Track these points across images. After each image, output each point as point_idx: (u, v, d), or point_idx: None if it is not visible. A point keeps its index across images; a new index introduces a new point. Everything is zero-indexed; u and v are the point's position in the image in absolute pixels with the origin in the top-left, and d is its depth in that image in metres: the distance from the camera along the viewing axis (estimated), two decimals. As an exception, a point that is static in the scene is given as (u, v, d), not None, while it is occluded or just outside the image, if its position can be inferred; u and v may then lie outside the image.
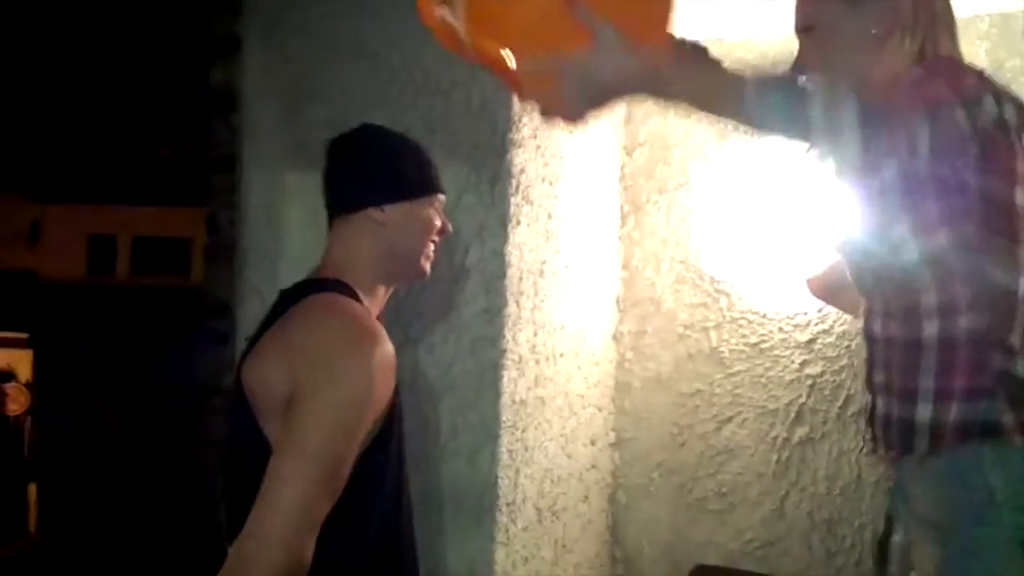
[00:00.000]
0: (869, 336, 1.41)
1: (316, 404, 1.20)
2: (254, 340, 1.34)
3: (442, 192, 1.48)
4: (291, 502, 1.15)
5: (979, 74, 1.33)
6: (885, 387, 1.36)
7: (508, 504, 2.07)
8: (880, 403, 1.38)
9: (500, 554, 2.05)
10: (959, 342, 1.28)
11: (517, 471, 2.10)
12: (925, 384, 1.30)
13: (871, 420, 1.41)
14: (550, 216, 2.21)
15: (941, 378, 1.29)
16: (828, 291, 1.80)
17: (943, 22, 1.37)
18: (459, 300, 2.06)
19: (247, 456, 1.26)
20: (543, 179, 2.17)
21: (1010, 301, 1.27)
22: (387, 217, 1.40)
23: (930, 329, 1.30)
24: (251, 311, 2.13)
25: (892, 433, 1.35)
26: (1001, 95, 1.29)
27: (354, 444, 1.23)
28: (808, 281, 1.86)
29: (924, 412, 1.30)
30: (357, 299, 1.35)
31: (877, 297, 1.39)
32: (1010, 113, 1.28)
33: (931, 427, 1.29)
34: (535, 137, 2.14)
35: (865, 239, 1.35)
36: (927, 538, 1.33)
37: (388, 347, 1.29)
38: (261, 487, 1.17)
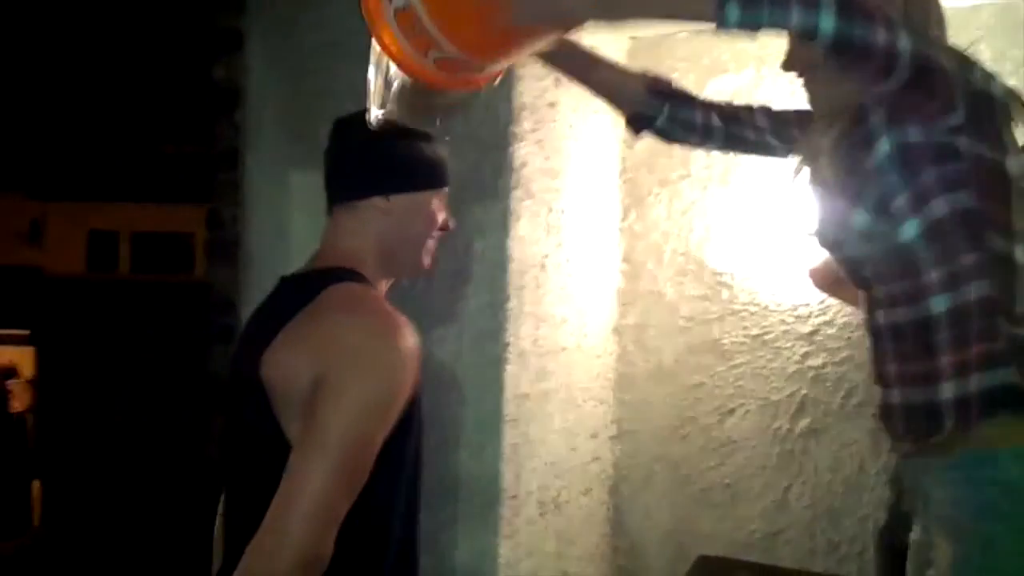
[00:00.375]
0: (874, 329, 1.39)
1: (342, 397, 1.17)
2: (259, 329, 1.31)
3: (447, 185, 1.44)
4: (312, 496, 1.13)
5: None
6: (900, 376, 1.35)
7: (512, 497, 2.08)
8: (897, 394, 1.36)
9: (504, 547, 2.06)
10: (970, 312, 1.27)
11: (520, 464, 2.11)
12: (944, 361, 1.29)
13: (888, 415, 1.38)
14: (551, 210, 2.21)
15: (957, 351, 1.28)
16: (829, 282, 1.80)
17: (935, 22, 1.38)
18: (461, 294, 2.07)
19: (262, 451, 1.23)
20: (544, 173, 2.18)
21: (1009, 268, 1.28)
22: (391, 207, 1.37)
23: (939, 305, 1.29)
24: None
25: (917, 421, 1.33)
26: (989, 73, 1.31)
27: (378, 438, 1.21)
28: (810, 272, 1.86)
29: (947, 390, 1.28)
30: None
31: (877, 287, 1.38)
32: (997, 90, 1.31)
33: (956, 403, 1.28)
34: (536, 131, 2.14)
35: (861, 225, 1.33)
36: (946, 537, 1.32)
37: (413, 340, 1.26)
38: (282, 480, 1.15)
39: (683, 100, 1.61)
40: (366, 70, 2.14)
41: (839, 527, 2.34)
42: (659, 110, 1.59)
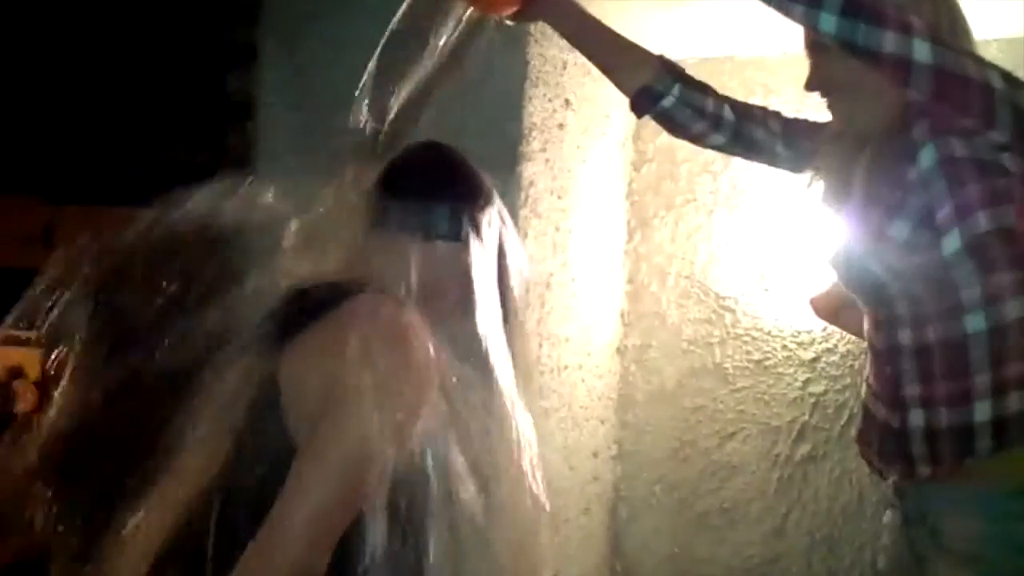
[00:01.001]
0: (890, 350, 1.35)
1: (348, 412, 1.15)
2: (274, 336, 1.29)
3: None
4: (309, 512, 1.11)
5: None
6: (923, 399, 1.30)
7: (506, 523, 2.08)
8: (916, 417, 1.31)
9: (498, 569, 2.06)
10: (1009, 330, 1.25)
11: (514, 491, 2.10)
12: (980, 381, 1.25)
13: (902, 440, 1.34)
14: (557, 229, 2.23)
15: (995, 370, 1.25)
16: (831, 310, 1.80)
17: (962, 33, 1.35)
18: (466, 311, 2.08)
19: (269, 460, 1.22)
20: (551, 192, 2.19)
21: None
22: (430, 251, 1.31)
23: (975, 324, 1.26)
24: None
25: (942, 445, 1.29)
26: None
27: (384, 457, 1.19)
28: (811, 300, 1.86)
29: (983, 411, 1.25)
30: None
31: (902, 305, 1.33)
32: None
33: (993, 424, 1.25)
34: (544, 151, 2.16)
35: (900, 236, 1.29)
36: (958, 569, 1.29)
37: (433, 361, 1.24)
38: (281, 493, 1.13)
39: (696, 84, 1.55)
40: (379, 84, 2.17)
41: (837, 555, 2.33)
42: (670, 88, 1.51)
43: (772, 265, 2.40)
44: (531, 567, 1.32)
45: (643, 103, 1.55)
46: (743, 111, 1.56)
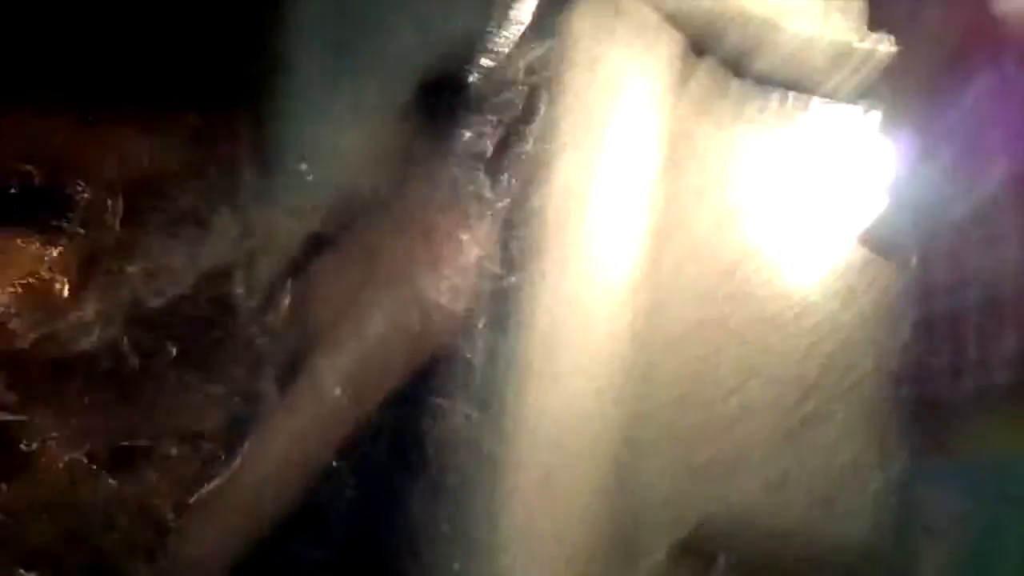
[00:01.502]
0: (917, 319, 1.38)
1: (349, 343, 1.17)
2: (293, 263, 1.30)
3: None
4: (314, 405, 1.14)
5: None
6: (919, 369, 1.35)
7: (514, 458, 2.09)
8: (913, 388, 1.37)
9: (504, 504, 2.08)
10: (1006, 303, 1.24)
11: (524, 424, 2.12)
12: (971, 354, 1.26)
13: (905, 411, 1.40)
14: (587, 161, 2.19)
15: (988, 343, 1.25)
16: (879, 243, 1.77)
17: None
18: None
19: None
20: (588, 109, 2.14)
21: None
22: (456, 173, 1.34)
23: (974, 295, 1.26)
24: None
25: (936, 415, 1.32)
26: None
27: (378, 389, 1.20)
28: (859, 236, 1.84)
29: (971, 383, 1.26)
30: None
31: (929, 271, 1.36)
32: None
33: (979, 396, 1.26)
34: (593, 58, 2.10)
35: (942, 169, 1.31)
36: (936, 547, 1.31)
37: (435, 302, 1.25)
38: (293, 388, 1.15)
39: None
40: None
41: (833, 514, 2.36)
42: None
43: (787, 222, 2.39)
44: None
45: None
46: None
